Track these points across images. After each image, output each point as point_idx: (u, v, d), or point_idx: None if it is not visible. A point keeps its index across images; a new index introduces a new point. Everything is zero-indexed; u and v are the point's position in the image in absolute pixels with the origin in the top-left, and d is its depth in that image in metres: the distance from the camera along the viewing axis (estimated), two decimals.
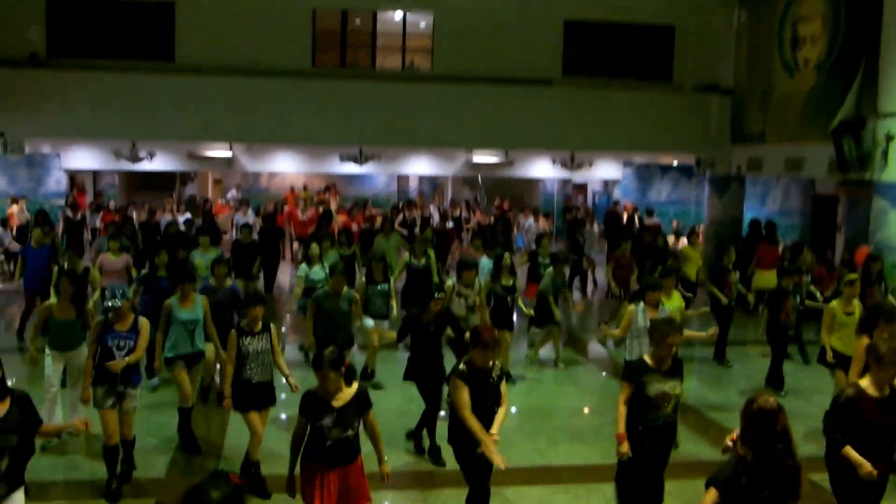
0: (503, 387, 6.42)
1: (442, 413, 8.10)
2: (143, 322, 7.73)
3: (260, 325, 7.66)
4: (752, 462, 4.65)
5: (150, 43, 17.83)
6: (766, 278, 15.24)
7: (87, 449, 8.56)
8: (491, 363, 6.33)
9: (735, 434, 6.25)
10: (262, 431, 7.62)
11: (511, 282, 11.48)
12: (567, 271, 13.05)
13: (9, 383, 5.38)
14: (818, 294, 12.54)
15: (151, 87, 17.19)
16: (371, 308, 11.09)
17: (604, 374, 12.69)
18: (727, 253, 13.17)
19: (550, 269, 12.37)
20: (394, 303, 11.50)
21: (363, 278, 11.74)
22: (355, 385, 5.83)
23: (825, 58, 15.43)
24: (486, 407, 6.26)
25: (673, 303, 9.92)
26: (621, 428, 6.40)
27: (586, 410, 10.75)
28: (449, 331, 9.06)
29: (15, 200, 20.70)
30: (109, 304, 7.49)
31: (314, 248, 12.28)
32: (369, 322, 11.05)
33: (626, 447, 6.35)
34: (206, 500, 3.40)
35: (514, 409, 10.36)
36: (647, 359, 6.57)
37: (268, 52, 17.69)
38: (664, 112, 18.70)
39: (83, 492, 7.66)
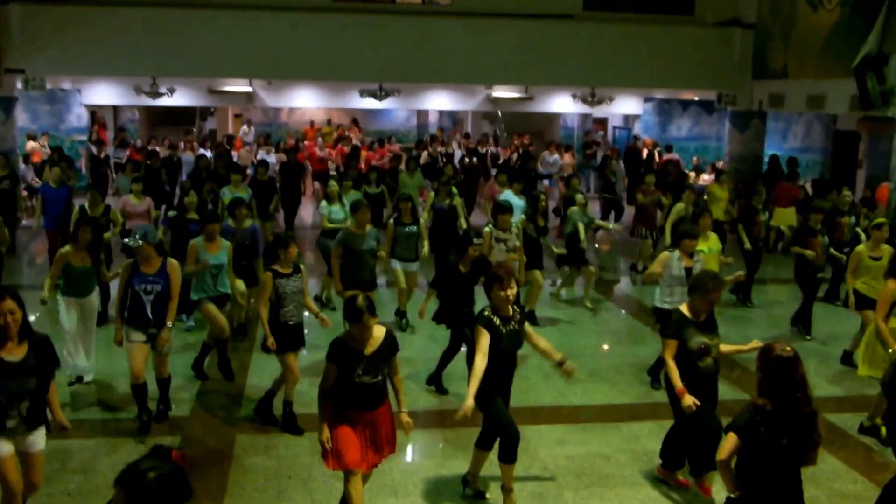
0: (528, 327, 6.44)
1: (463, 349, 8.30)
2: (172, 264, 7.70)
3: (291, 266, 7.80)
4: (770, 411, 4.71)
5: None
6: (785, 216, 15.36)
7: (117, 388, 8.85)
8: (511, 306, 6.29)
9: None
10: (298, 372, 7.84)
11: (544, 222, 11.55)
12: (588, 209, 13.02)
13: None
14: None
15: (172, 23, 17.23)
16: (399, 250, 10.92)
17: (623, 312, 12.91)
18: (758, 194, 12.98)
19: (576, 208, 12.46)
20: (425, 243, 11.41)
21: (391, 219, 11.51)
22: (383, 329, 5.81)
23: None
24: (509, 351, 6.31)
25: (710, 244, 9.88)
26: (678, 383, 6.38)
27: (605, 349, 10.98)
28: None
29: (32, 137, 20.82)
30: (127, 241, 7.69)
31: (332, 185, 12.06)
32: (396, 265, 10.90)
33: (689, 399, 6.32)
34: (143, 480, 3.21)
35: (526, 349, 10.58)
36: (684, 310, 6.60)
37: None
38: (686, 47, 18.60)
39: (112, 427, 7.96)
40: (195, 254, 8.84)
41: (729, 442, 4.81)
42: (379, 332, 5.75)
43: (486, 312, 6.23)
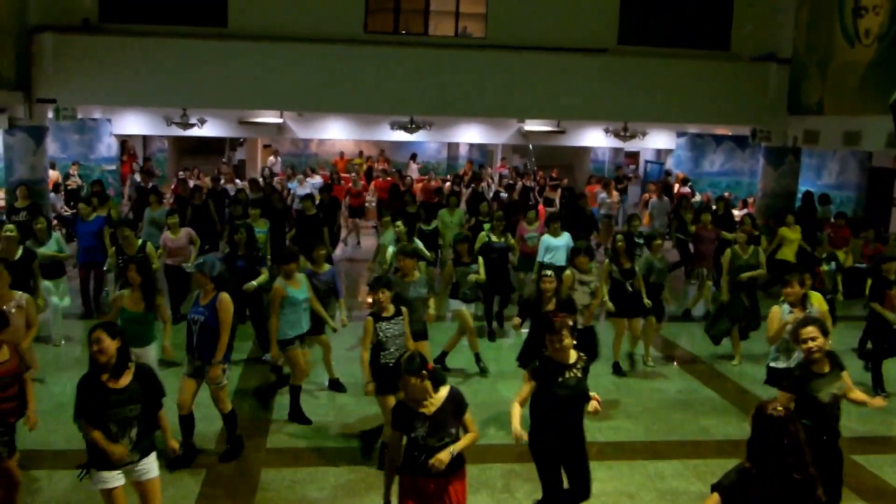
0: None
1: None
2: (223, 300, 7.68)
3: (392, 308, 7.81)
4: (754, 475, 4.48)
5: (202, 8, 18.17)
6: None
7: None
8: (569, 355, 6.19)
9: None
10: None
11: (629, 264, 11.10)
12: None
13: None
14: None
15: (203, 54, 17.57)
16: (463, 291, 10.95)
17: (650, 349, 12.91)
18: (821, 245, 12.68)
19: (648, 252, 11.64)
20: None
21: (449, 260, 11.46)
22: (446, 388, 5.59)
23: (887, 28, 15.34)
24: (560, 401, 6.13)
25: (817, 300, 9.21)
26: None
27: (629, 386, 10.99)
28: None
29: (53, 165, 20.87)
30: (186, 266, 7.98)
31: (399, 225, 12.28)
32: (461, 306, 10.90)
33: None
34: None
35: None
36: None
37: (320, 18, 17.97)
38: (720, 82, 18.69)
39: None
40: (281, 296, 8.77)
41: (710, 501, 4.57)
42: (442, 391, 5.55)
43: (536, 362, 6.26)
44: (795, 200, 19.49)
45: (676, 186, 23.19)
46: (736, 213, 20.31)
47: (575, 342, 6.38)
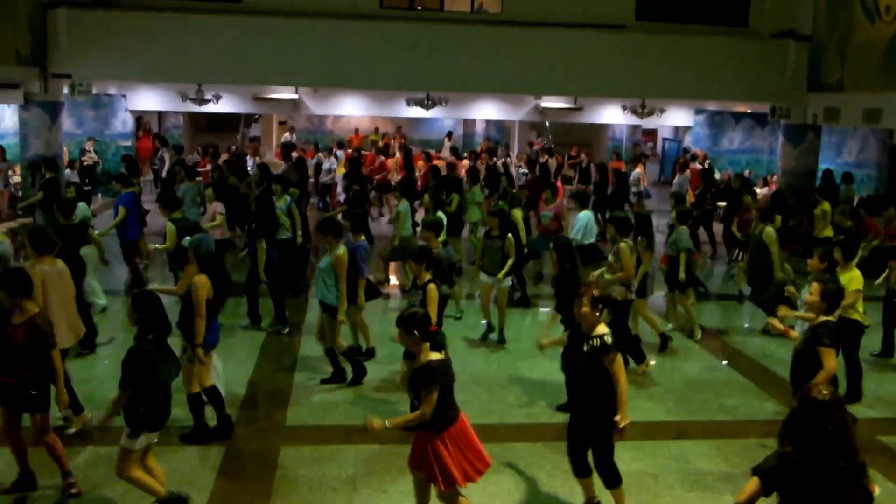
0: (610, 361, 6.12)
1: None
2: (196, 282, 7.71)
3: (425, 276, 8.19)
4: (795, 461, 4.33)
5: None
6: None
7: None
8: (591, 325, 6.21)
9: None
10: None
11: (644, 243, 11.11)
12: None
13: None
14: None
15: (218, 29, 17.48)
16: (486, 263, 11.18)
17: (670, 327, 12.84)
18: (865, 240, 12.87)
19: (685, 228, 11.68)
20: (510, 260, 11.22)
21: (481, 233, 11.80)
22: (434, 356, 5.83)
23: None
24: (572, 372, 6.47)
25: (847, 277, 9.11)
26: None
27: (652, 363, 10.92)
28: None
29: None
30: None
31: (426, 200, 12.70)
32: (485, 277, 11.13)
33: None
34: None
35: (652, 363, 10.57)
36: None
37: None
38: (739, 58, 18.50)
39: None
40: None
41: (750, 485, 4.44)
42: (430, 356, 5.80)
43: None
44: (816, 179, 19.30)
45: (697, 164, 22.95)
46: (757, 190, 20.16)
47: (602, 316, 6.30)
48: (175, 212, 11.27)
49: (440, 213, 12.73)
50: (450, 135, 28.65)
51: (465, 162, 21.80)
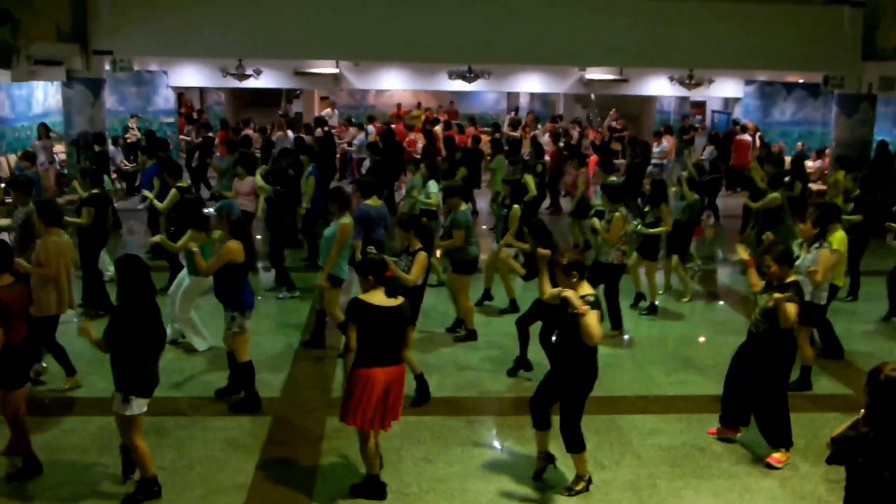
0: (588, 318, 6.23)
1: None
2: (227, 246, 8.01)
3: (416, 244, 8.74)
4: (871, 440, 4.30)
5: None
6: None
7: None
8: (574, 290, 6.36)
9: None
10: None
11: (646, 208, 11.79)
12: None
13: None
14: None
15: (258, 3, 17.57)
16: (497, 232, 11.78)
17: (721, 302, 12.82)
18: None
19: (695, 196, 12.58)
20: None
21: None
22: (379, 297, 6.31)
23: None
24: (560, 333, 6.71)
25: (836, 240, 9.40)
26: None
27: (702, 340, 10.94)
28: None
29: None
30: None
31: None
32: (495, 245, 11.59)
33: None
34: None
35: (626, 337, 10.71)
36: None
37: None
38: (791, 26, 18.16)
39: (209, 408, 8.39)
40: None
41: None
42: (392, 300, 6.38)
43: None
44: (871, 150, 19.00)
45: (747, 136, 22.70)
46: (809, 164, 19.96)
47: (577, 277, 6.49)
48: (179, 180, 12.33)
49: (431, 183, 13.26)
50: (516, 110, 28.66)
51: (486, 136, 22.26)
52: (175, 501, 6.51)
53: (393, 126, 23.27)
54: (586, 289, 6.45)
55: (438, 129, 23.83)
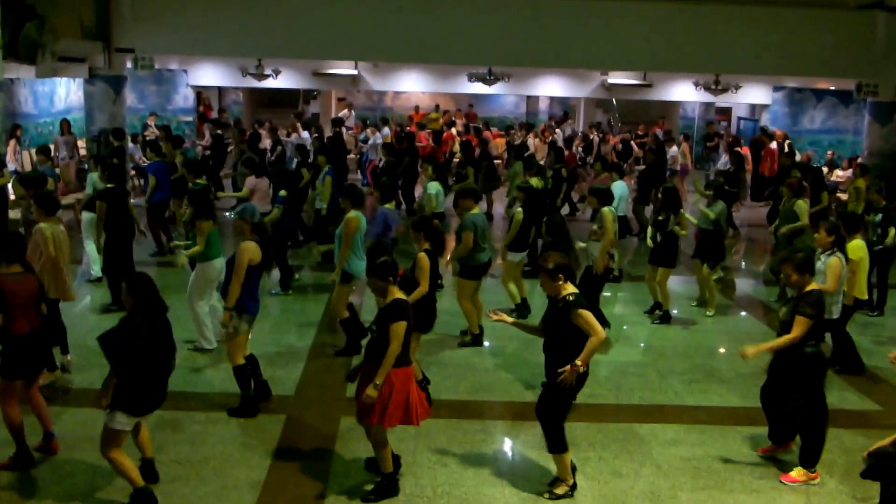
0: (578, 319, 6.36)
1: None
2: (242, 246, 8.02)
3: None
4: None
5: None
6: None
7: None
8: (559, 293, 6.52)
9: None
10: None
11: (664, 216, 11.58)
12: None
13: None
14: None
15: (278, 3, 17.66)
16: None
17: (744, 313, 12.73)
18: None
19: (721, 203, 12.27)
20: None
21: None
22: (397, 294, 6.45)
23: None
24: (546, 335, 6.67)
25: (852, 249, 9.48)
26: None
27: (722, 351, 10.87)
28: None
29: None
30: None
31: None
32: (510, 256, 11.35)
33: None
34: None
35: (647, 347, 10.67)
36: None
37: None
38: (822, 31, 18.05)
39: (220, 401, 8.35)
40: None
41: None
42: (395, 294, 6.46)
43: None
44: None
45: (773, 144, 22.62)
46: (840, 173, 19.85)
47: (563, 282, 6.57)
48: (199, 178, 12.45)
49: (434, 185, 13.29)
50: (562, 117, 28.53)
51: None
52: (188, 496, 6.54)
53: (411, 129, 23.29)
54: (570, 289, 6.56)
55: (453, 131, 23.88)
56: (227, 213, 13.31)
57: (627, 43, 18.13)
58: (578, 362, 6.31)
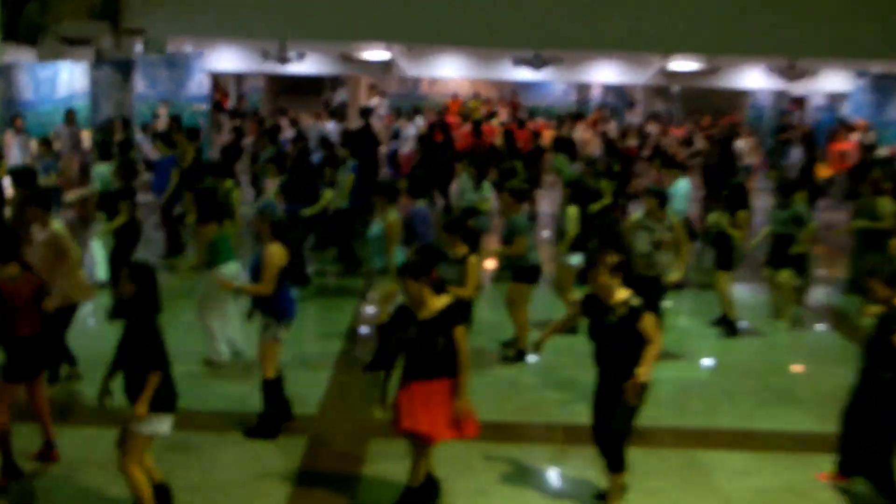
0: (644, 325, 6.37)
1: None
2: (271, 250, 7.93)
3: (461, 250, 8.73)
4: None
5: None
6: None
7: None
8: (611, 294, 6.48)
9: None
10: None
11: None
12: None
13: None
14: None
15: None
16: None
17: (822, 326, 12.53)
18: None
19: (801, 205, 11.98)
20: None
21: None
22: (445, 299, 6.38)
23: None
24: (601, 345, 6.56)
25: None
26: None
27: (800, 369, 10.69)
28: None
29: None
30: None
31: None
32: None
33: None
34: None
35: (712, 363, 10.55)
36: None
37: None
38: None
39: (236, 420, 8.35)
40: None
41: None
42: (441, 299, 6.37)
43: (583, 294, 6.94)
44: None
45: (856, 136, 22.27)
46: None
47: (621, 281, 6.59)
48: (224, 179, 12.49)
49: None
50: (651, 116, 28.50)
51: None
52: None
53: (448, 119, 23.27)
54: (626, 292, 6.57)
55: (494, 122, 23.79)
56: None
57: (690, 23, 18.02)
58: (640, 373, 6.23)
